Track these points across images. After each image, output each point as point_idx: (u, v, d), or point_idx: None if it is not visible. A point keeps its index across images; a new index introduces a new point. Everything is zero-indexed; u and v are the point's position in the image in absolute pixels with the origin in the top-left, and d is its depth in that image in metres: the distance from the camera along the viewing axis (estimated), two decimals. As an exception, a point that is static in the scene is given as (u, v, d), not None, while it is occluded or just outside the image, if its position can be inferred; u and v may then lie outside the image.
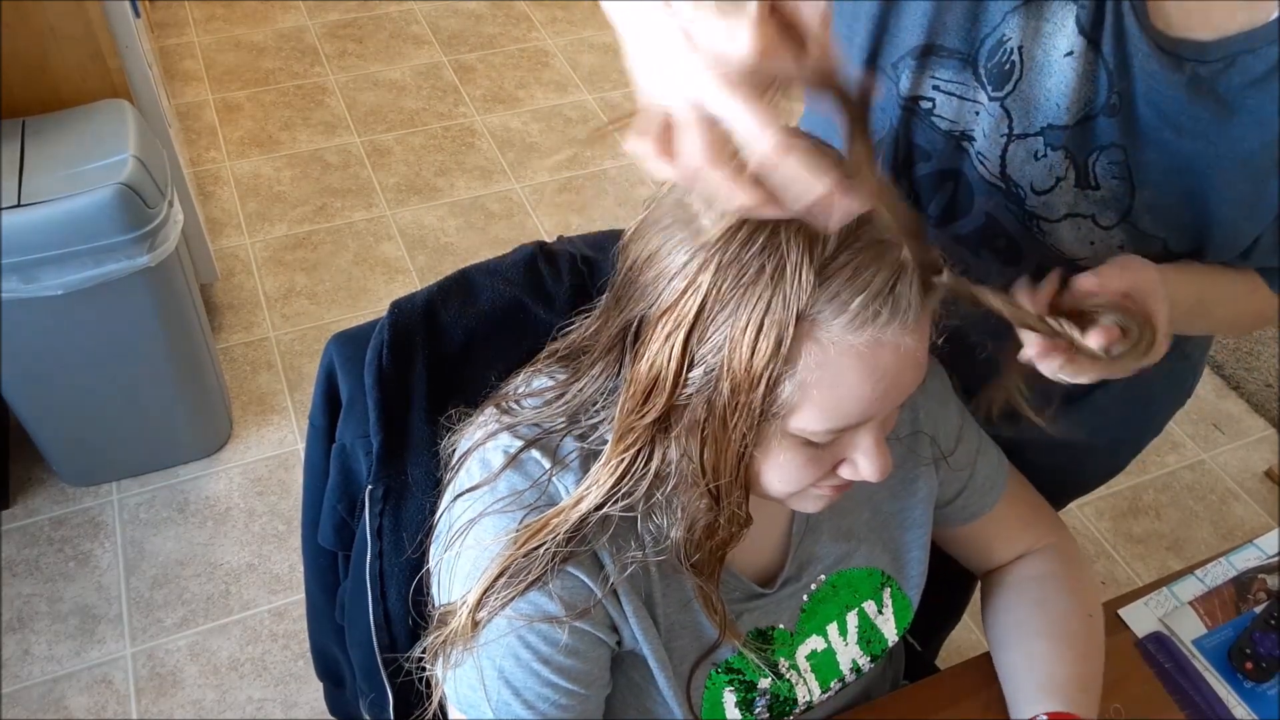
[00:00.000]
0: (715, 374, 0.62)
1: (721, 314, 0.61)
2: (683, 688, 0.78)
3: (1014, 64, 0.78)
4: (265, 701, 1.74)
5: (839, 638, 0.87)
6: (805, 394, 0.62)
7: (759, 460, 0.68)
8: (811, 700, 0.87)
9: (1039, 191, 0.81)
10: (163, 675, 1.76)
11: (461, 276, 0.91)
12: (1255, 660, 0.95)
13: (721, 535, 0.71)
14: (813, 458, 0.68)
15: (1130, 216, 0.79)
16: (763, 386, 0.61)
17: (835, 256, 0.60)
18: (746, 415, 0.63)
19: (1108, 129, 0.76)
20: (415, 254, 2.57)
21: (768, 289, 0.59)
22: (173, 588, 1.89)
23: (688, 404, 0.65)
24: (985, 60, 0.79)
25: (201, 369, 1.99)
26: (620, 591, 0.74)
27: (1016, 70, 0.78)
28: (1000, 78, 0.79)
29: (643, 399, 0.66)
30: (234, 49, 3.20)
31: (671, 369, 0.63)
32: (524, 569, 0.70)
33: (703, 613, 0.77)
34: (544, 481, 0.73)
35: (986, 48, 0.78)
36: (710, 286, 0.61)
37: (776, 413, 0.63)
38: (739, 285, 0.60)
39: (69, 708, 1.71)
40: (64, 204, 1.58)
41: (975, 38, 0.79)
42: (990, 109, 0.80)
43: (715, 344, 0.62)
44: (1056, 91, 0.76)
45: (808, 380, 0.62)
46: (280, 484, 2.07)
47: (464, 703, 0.74)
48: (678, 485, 0.69)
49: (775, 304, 0.59)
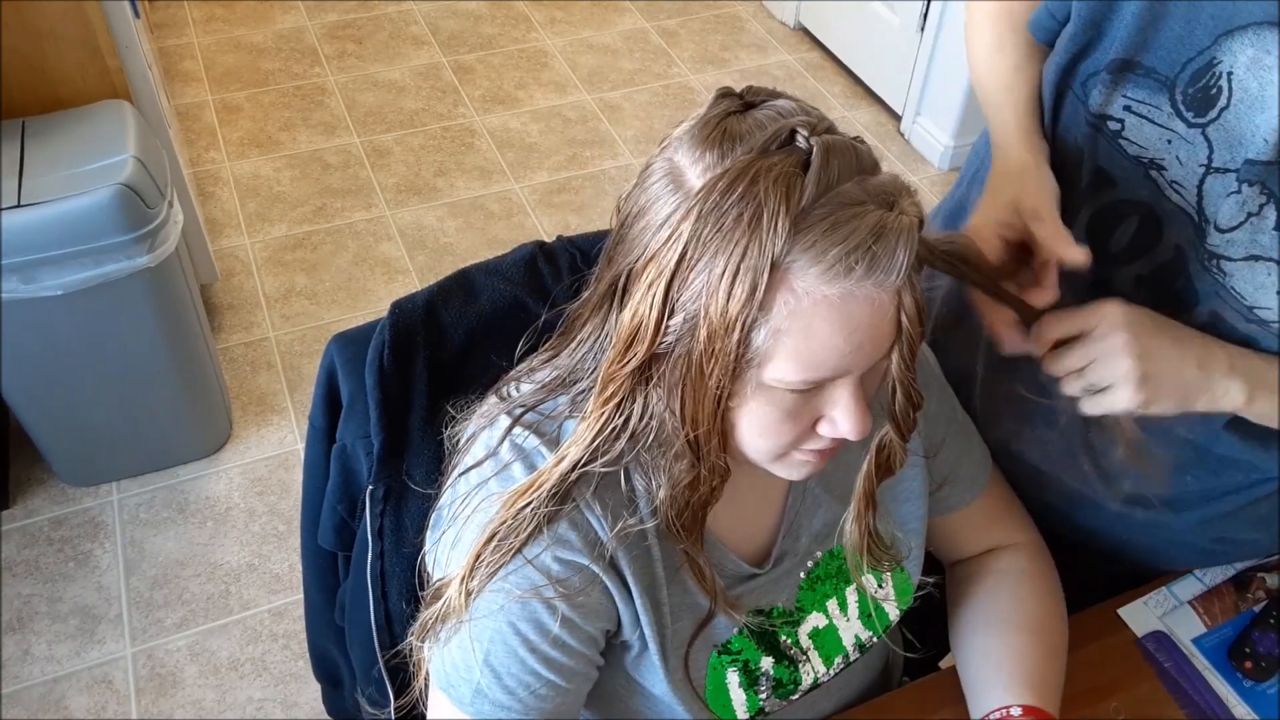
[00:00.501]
0: (694, 321, 0.64)
1: (701, 261, 0.62)
2: (681, 665, 0.79)
3: (1220, 90, 0.75)
4: (265, 701, 1.74)
5: (840, 614, 0.88)
6: (779, 342, 0.63)
7: (737, 412, 0.69)
8: (817, 678, 0.88)
9: (1224, 229, 0.78)
10: (163, 675, 1.77)
11: (461, 276, 0.91)
12: (1255, 659, 0.95)
13: (703, 490, 0.72)
14: (790, 412, 0.68)
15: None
16: (737, 333, 0.62)
17: (813, 208, 0.61)
18: (722, 362, 0.64)
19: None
20: (415, 254, 2.57)
21: (745, 236, 0.60)
22: (173, 588, 1.89)
23: (668, 352, 0.66)
24: (1186, 84, 0.76)
25: (201, 369, 1.99)
26: (626, 573, 0.75)
27: (1223, 98, 0.74)
28: (1203, 104, 0.76)
29: (625, 347, 0.67)
30: (233, 50, 3.20)
31: (653, 316, 0.65)
32: (513, 531, 0.71)
33: (694, 585, 0.78)
34: (533, 453, 0.74)
35: (1190, 71, 0.76)
36: (691, 234, 0.62)
37: (751, 360, 0.64)
38: (718, 232, 0.61)
39: (69, 708, 1.71)
40: (64, 204, 1.58)
41: (1179, 59, 0.76)
42: (1189, 136, 0.77)
43: (694, 291, 0.63)
44: (1266, 125, 0.73)
45: (781, 328, 0.63)
46: (280, 484, 2.07)
47: (445, 681, 0.75)
48: (659, 438, 0.70)
49: (751, 251, 0.60)
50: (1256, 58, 0.72)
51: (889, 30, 3.00)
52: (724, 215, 0.61)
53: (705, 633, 0.80)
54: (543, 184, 2.81)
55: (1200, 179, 0.78)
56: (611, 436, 0.70)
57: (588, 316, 0.74)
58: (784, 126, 0.63)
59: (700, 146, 0.64)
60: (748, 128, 0.64)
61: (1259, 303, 0.78)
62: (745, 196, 0.60)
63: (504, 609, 0.72)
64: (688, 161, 0.64)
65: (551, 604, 0.72)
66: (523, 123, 3.01)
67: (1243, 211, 0.76)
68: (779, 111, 0.65)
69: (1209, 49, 0.74)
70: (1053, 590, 0.95)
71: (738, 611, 0.80)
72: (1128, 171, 0.83)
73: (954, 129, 2.87)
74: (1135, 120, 0.81)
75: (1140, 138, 0.81)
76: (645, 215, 0.66)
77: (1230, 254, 0.78)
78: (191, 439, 2.06)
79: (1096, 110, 0.82)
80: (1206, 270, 0.80)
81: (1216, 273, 0.80)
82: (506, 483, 0.74)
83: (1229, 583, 1.02)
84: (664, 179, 0.66)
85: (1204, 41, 0.75)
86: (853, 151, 0.63)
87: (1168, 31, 0.77)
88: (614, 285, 0.69)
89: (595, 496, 0.74)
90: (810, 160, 0.61)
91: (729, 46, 3.38)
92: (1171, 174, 0.80)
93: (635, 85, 3.19)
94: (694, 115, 0.67)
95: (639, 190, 0.68)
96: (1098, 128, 0.83)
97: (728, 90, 0.69)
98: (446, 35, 3.33)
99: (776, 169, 0.61)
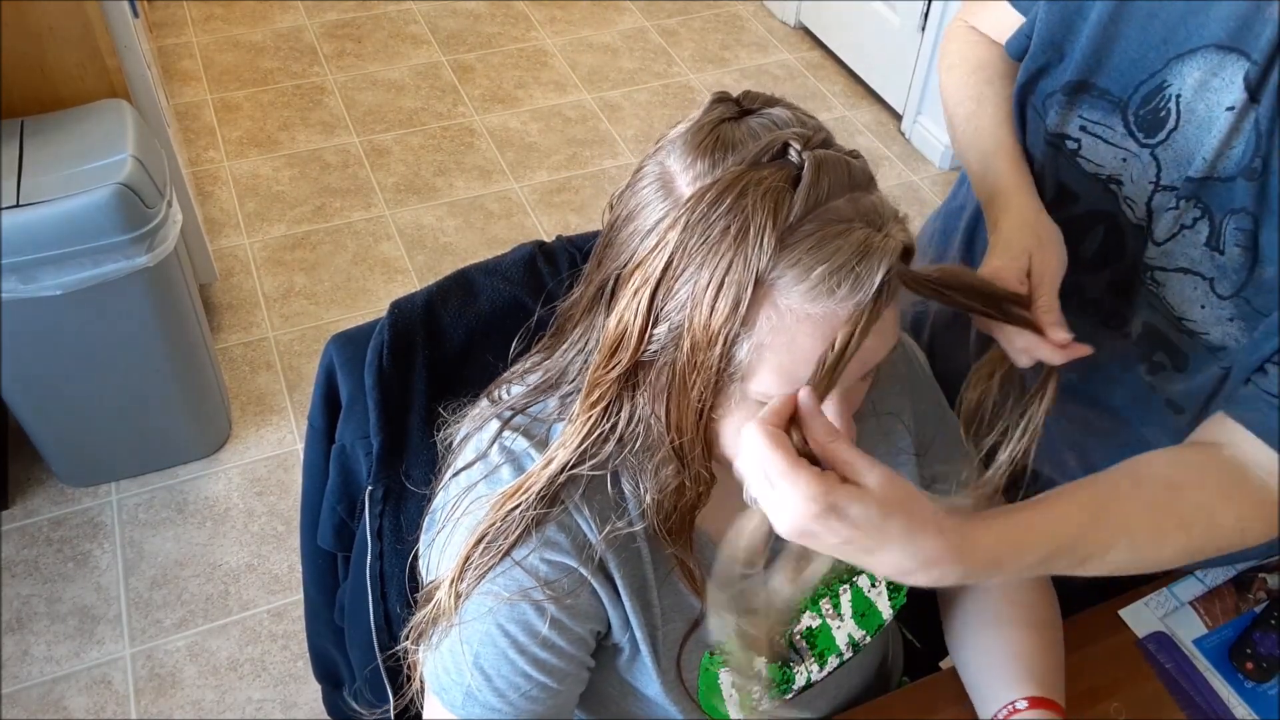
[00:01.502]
0: (678, 331, 0.64)
1: (686, 271, 0.62)
2: (673, 666, 0.79)
3: (1169, 112, 0.76)
4: (264, 702, 1.74)
5: (833, 613, 0.87)
6: (761, 357, 0.63)
7: (721, 423, 0.68)
8: (811, 678, 0.88)
9: (1159, 242, 0.80)
10: (162, 676, 1.76)
11: (461, 276, 0.91)
12: (1256, 660, 0.95)
13: (689, 496, 0.72)
14: None
15: (1244, 291, 0.77)
16: (720, 346, 0.62)
17: (801, 224, 0.60)
18: (705, 374, 0.64)
19: (1243, 192, 0.74)
20: (414, 254, 2.57)
21: (730, 249, 0.60)
22: (172, 588, 1.88)
23: (653, 361, 0.66)
24: (1138, 106, 0.78)
25: (200, 369, 1.98)
26: (615, 576, 0.75)
27: (1171, 119, 0.76)
28: (1153, 125, 0.77)
29: (610, 353, 0.67)
30: (232, 49, 3.20)
31: (637, 324, 0.65)
32: (501, 533, 0.71)
33: (685, 587, 0.78)
34: (522, 455, 0.74)
35: (1141, 93, 0.77)
36: (677, 244, 0.62)
37: (734, 373, 0.64)
38: (704, 244, 0.61)
39: (68, 708, 1.71)
40: (63, 204, 1.58)
41: (1131, 81, 0.78)
42: (1140, 155, 0.79)
43: (679, 301, 0.63)
44: (1208, 146, 0.74)
45: (764, 343, 0.62)
46: (279, 484, 2.06)
47: (437, 684, 0.75)
48: (646, 443, 0.71)
49: (736, 264, 0.60)
50: (1203, 80, 0.74)
51: (889, 29, 3.00)
52: (711, 227, 0.61)
53: (697, 634, 0.80)
54: (542, 183, 2.81)
55: (1149, 196, 0.80)
56: (599, 440, 0.70)
57: (578, 318, 0.74)
58: (777, 139, 0.63)
59: (692, 153, 0.64)
60: (741, 136, 0.64)
61: (1186, 315, 0.80)
62: (733, 209, 0.60)
63: (493, 611, 0.72)
64: (679, 168, 0.64)
65: (540, 606, 0.72)
66: (522, 122, 3.01)
67: (1177, 224, 0.78)
68: (774, 121, 0.65)
69: (1160, 72, 0.76)
70: (1043, 583, 0.95)
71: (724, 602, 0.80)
72: (1088, 186, 0.84)
73: (954, 128, 2.87)
74: (1091, 140, 0.82)
75: (1096, 156, 0.82)
76: (634, 220, 0.66)
77: (1164, 265, 0.80)
78: (191, 439, 2.06)
79: (1054, 129, 0.84)
80: (1143, 282, 0.82)
81: (1151, 284, 0.81)
82: (496, 485, 0.74)
83: (1230, 583, 1.02)
84: (655, 183, 0.65)
85: (1155, 65, 0.76)
86: (845, 167, 0.63)
87: (1121, 54, 0.78)
88: (602, 288, 0.69)
89: (584, 499, 0.74)
90: (801, 175, 0.61)
91: (729, 46, 3.38)
92: (1126, 190, 0.81)
93: (635, 84, 3.19)
94: (690, 118, 0.67)
95: (630, 192, 0.68)
96: (1056, 146, 0.85)
97: (724, 95, 0.68)
98: (446, 34, 3.33)
99: (766, 183, 0.60)
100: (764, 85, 3.17)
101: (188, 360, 1.93)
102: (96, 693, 1.73)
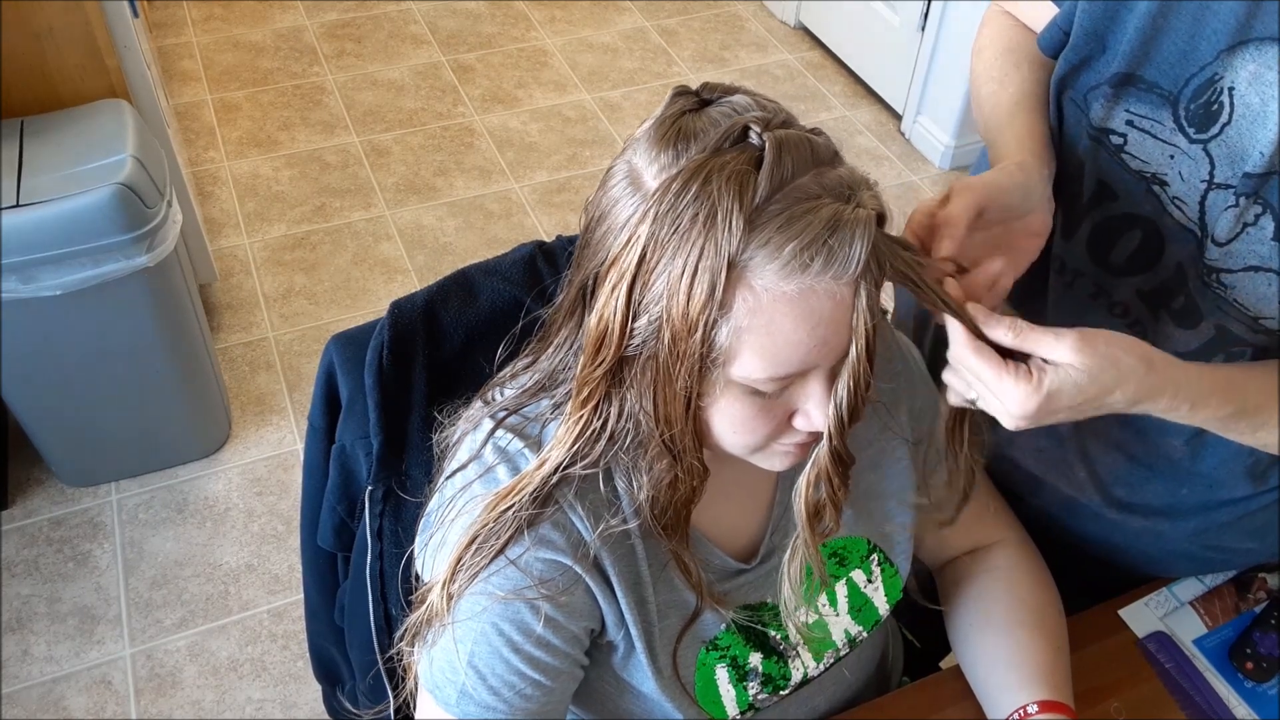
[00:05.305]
0: (658, 323, 0.64)
1: (660, 263, 0.62)
2: (670, 663, 0.79)
3: (1222, 106, 0.74)
4: (264, 702, 1.74)
5: (829, 609, 0.87)
6: (741, 340, 0.63)
7: (709, 410, 0.69)
8: (807, 673, 0.88)
9: (1222, 242, 0.78)
10: (162, 676, 1.76)
11: (461, 276, 0.91)
12: (1256, 660, 0.95)
13: (683, 490, 0.72)
14: (763, 408, 0.69)
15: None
16: (700, 333, 0.62)
17: (767, 205, 0.61)
18: (688, 362, 0.64)
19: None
20: (414, 254, 2.57)
21: (700, 236, 0.61)
22: (172, 588, 1.88)
23: (637, 355, 0.66)
24: (1189, 100, 0.76)
25: (200, 369, 1.98)
26: (610, 573, 0.75)
27: (1225, 114, 0.74)
28: (1205, 120, 0.75)
29: (594, 351, 0.68)
30: (232, 49, 3.20)
31: (618, 320, 0.65)
32: (494, 534, 0.71)
33: (681, 582, 0.78)
34: (516, 455, 0.74)
35: (1192, 87, 0.75)
36: (649, 236, 0.62)
37: (716, 359, 0.64)
38: (675, 233, 0.61)
39: (68, 708, 1.71)
40: (63, 204, 1.58)
41: (1181, 74, 0.76)
42: (1191, 152, 0.77)
43: (656, 293, 0.63)
44: (1265, 140, 0.72)
45: (743, 326, 0.63)
46: (279, 484, 2.06)
47: (431, 683, 0.75)
48: (637, 439, 0.71)
49: (708, 250, 0.61)
50: (1258, 73, 0.72)
51: (889, 29, 3.00)
52: (679, 216, 0.61)
53: (693, 629, 0.80)
54: (542, 183, 2.81)
55: (1202, 195, 0.78)
56: (591, 439, 0.71)
57: (562, 321, 0.74)
58: (737, 124, 0.63)
59: (656, 147, 0.64)
60: (702, 126, 0.64)
61: (1263, 313, 0.78)
62: (699, 196, 0.61)
63: (487, 610, 0.72)
64: (644, 163, 0.65)
65: (535, 604, 0.72)
66: (522, 122, 3.01)
67: (1239, 223, 0.76)
68: (734, 108, 0.65)
69: (1211, 64, 0.74)
70: (1047, 584, 0.95)
71: (725, 607, 0.80)
72: (1130, 185, 0.82)
73: (955, 128, 2.87)
74: (1138, 135, 0.80)
75: (1143, 153, 0.80)
76: (607, 219, 0.66)
77: (1229, 266, 0.78)
78: (190, 439, 2.06)
79: (1098, 124, 0.82)
80: (1207, 285, 0.80)
81: (1217, 287, 0.79)
82: (491, 485, 0.74)
83: (1230, 583, 1.02)
84: (623, 181, 0.66)
85: (1206, 57, 0.74)
86: (808, 145, 0.63)
87: (1169, 46, 0.76)
88: (583, 289, 0.70)
89: (577, 497, 0.74)
90: (763, 157, 0.61)
91: (729, 46, 3.38)
92: (1174, 189, 0.79)
93: (635, 84, 3.19)
94: (653, 115, 0.67)
95: (601, 193, 0.68)
96: (1099, 141, 0.83)
97: (684, 88, 0.69)
98: (446, 34, 3.33)
99: (729, 167, 0.61)
100: (764, 85, 3.17)
101: (187, 360, 1.93)
102: (96, 693, 1.73)
